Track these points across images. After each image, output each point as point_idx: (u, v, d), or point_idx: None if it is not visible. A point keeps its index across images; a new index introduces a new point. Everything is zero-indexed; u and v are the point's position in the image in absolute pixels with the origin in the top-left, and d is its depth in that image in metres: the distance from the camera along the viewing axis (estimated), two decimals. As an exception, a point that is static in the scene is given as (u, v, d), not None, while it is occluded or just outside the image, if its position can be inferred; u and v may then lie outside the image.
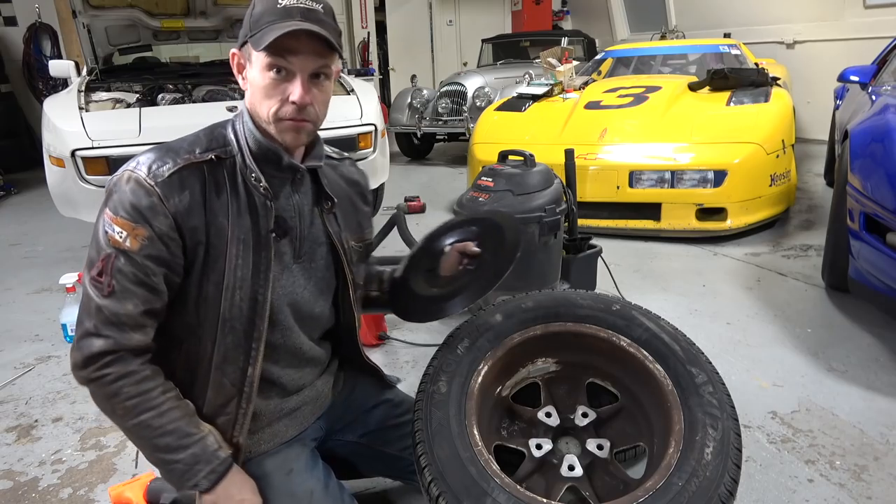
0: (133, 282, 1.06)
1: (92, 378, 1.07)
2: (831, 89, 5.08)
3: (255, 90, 1.11)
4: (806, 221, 4.07)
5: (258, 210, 1.14)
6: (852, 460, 1.76)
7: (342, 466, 1.46)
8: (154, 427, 1.08)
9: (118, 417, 1.09)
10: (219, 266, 1.12)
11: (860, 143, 2.50)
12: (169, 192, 1.06)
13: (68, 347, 2.68)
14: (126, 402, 1.07)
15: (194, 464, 1.10)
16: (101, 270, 1.05)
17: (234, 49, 1.14)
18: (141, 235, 1.05)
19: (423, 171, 6.69)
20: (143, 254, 1.05)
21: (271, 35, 1.04)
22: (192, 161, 1.10)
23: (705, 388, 1.31)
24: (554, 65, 5.39)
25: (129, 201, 1.05)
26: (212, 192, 1.11)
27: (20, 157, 7.16)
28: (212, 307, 1.13)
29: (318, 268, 1.28)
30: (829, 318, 2.66)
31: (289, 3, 1.06)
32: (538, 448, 1.38)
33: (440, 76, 9.64)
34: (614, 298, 1.54)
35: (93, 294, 1.06)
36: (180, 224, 1.07)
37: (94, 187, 3.15)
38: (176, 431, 1.09)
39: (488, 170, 2.55)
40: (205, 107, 3.62)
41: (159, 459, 1.11)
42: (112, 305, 1.05)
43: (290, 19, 1.05)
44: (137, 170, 1.07)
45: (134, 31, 4.19)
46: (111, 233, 1.05)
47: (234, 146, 1.15)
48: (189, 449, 1.10)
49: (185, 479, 1.10)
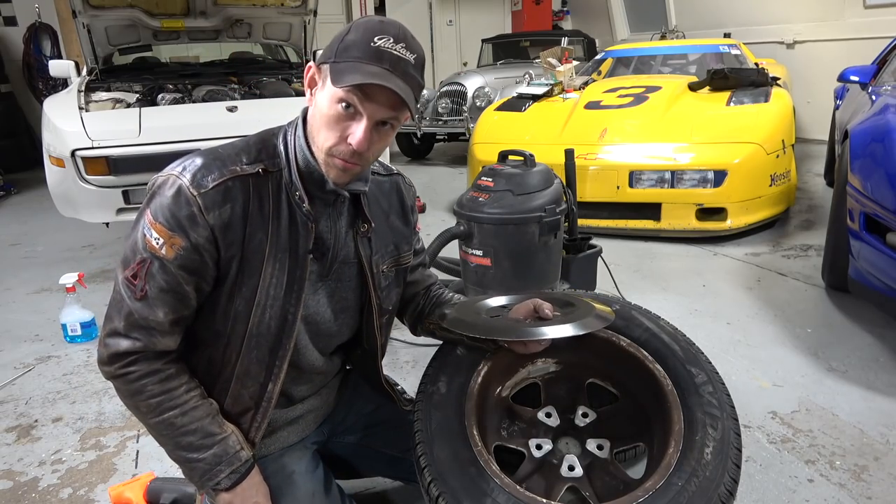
0: (165, 290, 1.05)
1: (117, 374, 1.08)
2: (831, 89, 5.08)
3: (319, 115, 1.07)
4: (806, 221, 4.07)
5: (298, 229, 1.12)
6: (852, 460, 1.75)
7: (342, 467, 1.46)
8: (177, 426, 1.09)
9: (142, 414, 1.10)
10: (252, 282, 1.10)
11: (860, 143, 2.50)
12: (211, 204, 1.03)
13: (68, 347, 2.70)
14: (149, 399, 1.07)
15: (217, 464, 1.11)
16: (136, 273, 1.05)
17: (312, 62, 1.10)
18: (177, 245, 1.03)
19: (423, 171, 6.69)
20: (177, 263, 1.04)
21: (353, 77, 0.99)
22: (238, 173, 1.07)
23: (705, 387, 1.31)
24: (554, 65, 5.38)
25: (170, 208, 1.03)
26: (255, 207, 1.08)
27: (20, 157, 7.16)
28: (240, 321, 1.12)
29: (342, 288, 1.25)
30: (829, 318, 2.66)
31: (384, 44, 1.01)
32: (538, 448, 1.38)
33: (440, 76, 9.63)
34: (614, 298, 1.54)
35: (125, 294, 1.06)
36: (217, 237, 1.05)
37: (94, 187, 3.15)
38: (199, 431, 1.10)
39: (488, 170, 2.55)
40: (205, 107, 3.62)
41: (181, 457, 1.11)
42: (142, 310, 1.05)
43: (377, 64, 1.01)
44: (182, 176, 1.04)
45: (134, 31, 4.18)
46: (149, 237, 1.04)
47: (282, 159, 1.11)
48: (211, 448, 1.10)
49: (206, 479, 1.11)
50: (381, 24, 1.04)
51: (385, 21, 1.06)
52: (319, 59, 1.07)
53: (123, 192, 3.19)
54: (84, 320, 2.75)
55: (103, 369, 1.10)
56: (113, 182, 3.15)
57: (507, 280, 2.47)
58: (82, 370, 2.50)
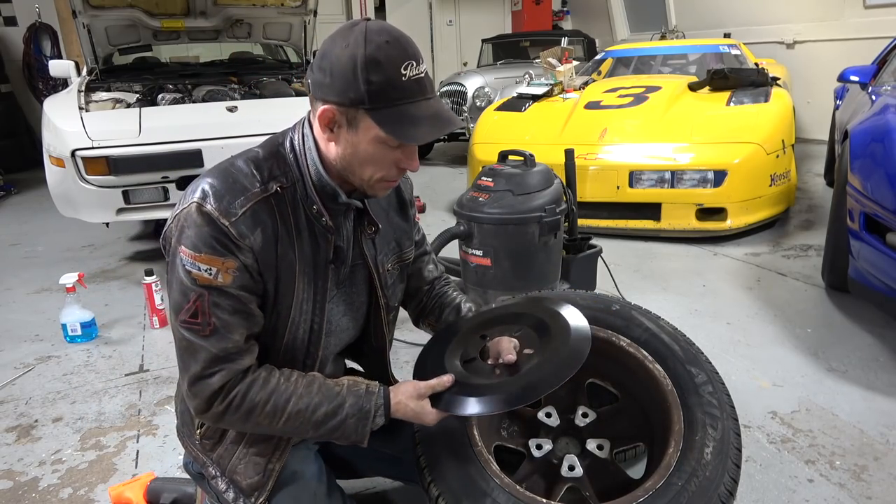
0: (232, 313, 1.04)
1: (222, 410, 1.05)
2: (831, 89, 5.08)
3: (358, 154, 1.05)
4: (806, 221, 4.07)
5: (318, 241, 1.13)
6: (852, 460, 1.75)
7: (343, 467, 1.46)
8: (304, 410, 1.08)
9: (267, 426, 1.09)
10: (287, 300, 1.11)
11: (860, 143, 2.50)
12: (244, 229, 1.03)
13: (68, 347, 2.70)
14: (264, 409, 1.06)
15: (360, 411, 1.10)
16: (195, 311, 1.03)
17: (331, 105, 1.01)
18: (232, 268, 1.02)
19: (423, 171, 6.68)
20: (237, 285, 1.03)
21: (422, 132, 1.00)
22: (261, 196, 1.06)
23: (705, 387, 1.31)
24: (554, 65, 5.38)
25: (211, 236, 1.01)
26: (281, 227, 1.08)
27: (20, 157, 7.16)
28: (277, 337, 1.13)
29: (355, 291, 1.26)
30: (829, 318, 2.66)
31: (412, 73, 0.99)
32: (538, 448, 1.38)
33: (440, 76, 9.62)
34: (614, 298, 1.54)
35: (191, 337, 1.04)
36: (258, 258, 1.05)
37: (94, 187, 3.15)
38: (324, 399, 1.09)
39: (488, 170, 2.55)
40: (205, 107, 3.62)
41: (328, 430, 1.10)
42: (216, 343, 1.03)
43: (422, 97, 1.01)
44: (207, 204, 1.02)
45: (134, 31, 4.18)
46: (197, 272, 1.02)
47: (294, 171, 1.10)
48: (346, 404, 1.10)
49: (363, 428, 1.11)
50: (390, 45, 0.98)
51: (390, 40, 0.99)
52: (336, 98, 1.00)
53: (123, 192, 3.19)
54: (84, 320, 2.75)
55: (206, 417, 1.07)
56: (113, 182, 3.15)
57: (507, 280, 2.47)
58: (82, 370, 2.51)
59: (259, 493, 1.18)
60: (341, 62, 0.98)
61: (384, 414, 1.12)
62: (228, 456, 1.20)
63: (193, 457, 1.26)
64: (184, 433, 1.28)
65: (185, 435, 1.27)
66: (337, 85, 0.99)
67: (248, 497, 1.19)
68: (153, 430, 2.06)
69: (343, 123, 1.03)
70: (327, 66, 1.00)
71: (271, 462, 1.19)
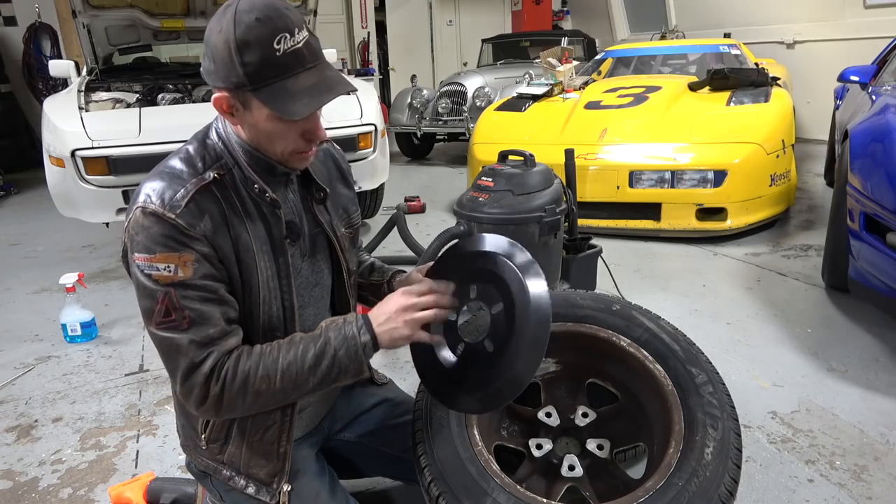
0: (203, 302, 1.04)
1: (218, 391, 1.04)
2: (831, 89, 5.08)
3: (261, 132, 1.07)
4: (806, 221, 4.07)
5: (268, 218, 1.13)
6: (852, 460, 1.76)
7: (343, 466, 1.46)
8: (294, 361, 1.07)
9: (267, 392, 1.07)
10: (253, 280, 1.11)
11: (860, 143, 2.50)
12: (192, 219, 1.03)
13: (68, 347, 2.70)
14: (258, 373, 1.06)
15: (345, 338, 1.09)
16: (167, 310, 1.02)
17: (222, 92, 1.03)
18: (189, 261, 1.02)
19: (423, 171, 6.69)
20: (199, 276, 1.03)
21: (303, 105, 1.00)
22: (201, 185, 1.06)
23: (705, 388, 1.31)
24: (554, 65, 5.39)
25: (161, 234, 1.01)
26: (228, 210, 1.09)
27: (20, 157, 7.17)
28: (253, 319, 1.13)
29: (318, 259, 1.28)
30: (829, 318, 2.66)
31: (286, 46, 0.99)
32: (538, 448, 1.38)
33: (440, 76, 9.64)
34: (614, 298, 1.54)
35: (171, 335, 1.03)
36: (213, 244, 1.06)
37: (94, 187, 3.15)
38: (309, 344, 1.09)
39: (488, 170, 2.55)
40: (205, 107, 3.61)
41: (325, 371, 1.08)
42: (197, 332, 1.03)
43: (301, 69, 1.01)
44: (149, 203, 1.03)
45: (134, 31, 4.19)
46: (157, 273, 1.02)
47: (228, 159, 1.11)
48: (330, 338, 1.09)
49: (357, 356, 1.09)
50: (260, 22, 0.97)
51: (260, 17, 0.97)
52: (223, 83, 1.01)
53: (123, 192, 3.19)
54: (84, 320, 2.75)
55: (206, 406, 1.05)
56: (113, 182, 3.16)
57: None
58: (82, 370, 2.51)
59: (279, 478, 1.20)
60: (218, 48, 1.00)
61: (368, 331, 1.10)
62: (238, 452, 1.20)
63: (203, 466, 1.25)
64: (189, 446, 1.28)
65: (191, 447, 1.27)
66: (220, 71, 1.01)
67: (269, 485, 1.20)
68: (153, 430, 2.06)
69: (238, 106, 1.05)
70: (210, 52, 1.02)
71: (281, 445, 1.20)
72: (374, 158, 3.75)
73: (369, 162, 3.71)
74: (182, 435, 1.29)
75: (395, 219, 3.37)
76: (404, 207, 3.82)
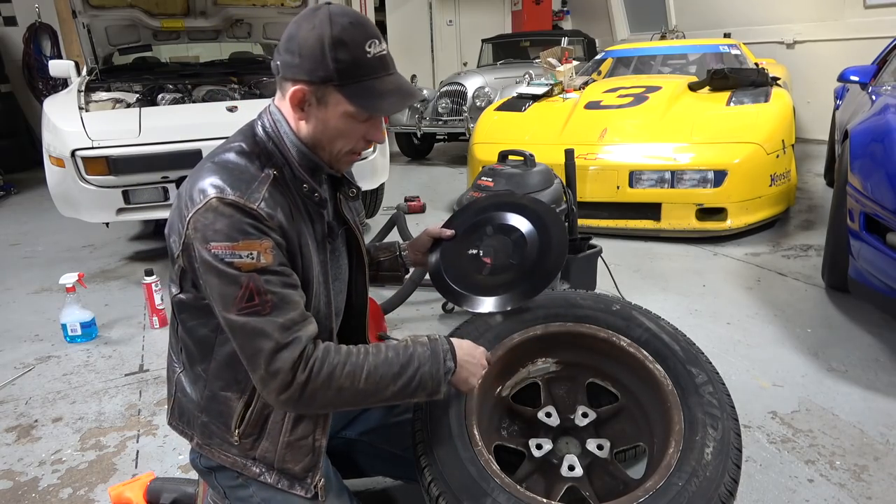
0: (284, 286, 1.06)
1: (304, 380, 1.04)
2: (831, 89, 5.08)
3: (328, 130, 1.11)
4: (806, 221, 4.07)
5: (313, 217, 1.18)
6: (852, 460, 1.76)
7: (343, 465, 1.46)
8: (381, 364, 1.10)
9: (349, 388, 1.08)
10: (310, 275, 1.14)
11: (860, 143, 2.50)
12: (270, 210, 1.06)
13: (68, 347, 2.70)
14: (344, 369, 1.07)
15: (432, 354, 1.14)
16: (251, 294, 1.03)
17: (301, 85, 1.07)
18: (269, 248, 1.04)
19: (423, 171, 6.69)
20: (278, 262, 1.06)
21: (390, 103, 1.10)
22: (270, 179, 1.09)
23: (705, 388, 1.31)
24: (554, 65, 5.38)
25: (242, 222, 1.03)
26: (292, 206, 1.12)
27: (20, 157, 7.16)
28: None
29: (340, 255, 1.31)
30: (829, 318, 2.66)
31: (375, 50, 1.08)
32: (538, 448, 1.38)
33: (440, 76, 9.63)
34: (614, 298, 1.54)
35: (254, 319, 1.03)
36: (285, 236, 1.09)
37: (94, 187, 3.15)
38: (396, 353, 1.12)
39: (488, 170, 2.55)
40: (205, 107, 3.62)
41: (406, 381, 1.11)
42: (280, 314, 1.04)
43: (385, 73, 1.10)
44: (227, 194, 1.04)
45: (134, 31, 4.19)
46: (240, 260, 1.03)
47: (278, 158, 1.13)
48: (417, 352, 1.14)
49: (438, 376, 1.14)
50: (353, 26, 1.06)
51: (353, 21, 1.07)
52: (307, 77, 1.06)
53: (123, 192, 3.19)
54: (84, 320, 2.75)
55: (288, 393, 1.04)
56: (113, 182, 3.16)
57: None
58: (82, 370, 2.51)
59: (313, 473, 1.19)
60: (309, 43, 1.05)
61: (452, 357, 1.16)
62: (273, 448, 1.18)
63: (230, 463, 1.21)
64: (214, 444, 1.22)
65: (217, 445, 1.22)
66: (306, 65, 1.06)
67: (302, 480, 1.19)
68: (153, 430, 2.06)
69: (313, 101, 1.09)
70: (295, 47, 1.06)
71: (316, 439, 1.19)
72: (374, 159, 3.74)
73: (369, 162, 3.70)
74: (201, 434, 1.24)
75: (395, 219, 3.37)
76: (404, 207, 3.82)
